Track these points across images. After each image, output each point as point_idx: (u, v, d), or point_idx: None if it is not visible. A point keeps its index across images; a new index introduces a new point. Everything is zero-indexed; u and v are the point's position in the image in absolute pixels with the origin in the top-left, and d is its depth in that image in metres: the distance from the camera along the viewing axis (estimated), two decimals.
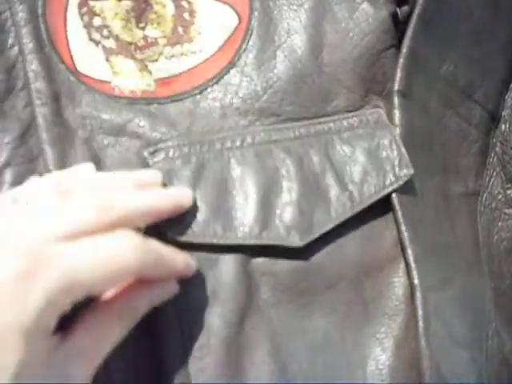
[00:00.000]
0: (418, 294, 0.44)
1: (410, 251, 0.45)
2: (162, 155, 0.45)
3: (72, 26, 0.48)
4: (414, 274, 0.45)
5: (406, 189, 0.47)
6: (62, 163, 0.45)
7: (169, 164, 0.45)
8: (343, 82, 0.49)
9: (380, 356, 0.44)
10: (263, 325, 0.43)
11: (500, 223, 0.53)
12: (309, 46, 0.50)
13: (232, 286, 0.43)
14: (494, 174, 0.53)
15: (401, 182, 0.47)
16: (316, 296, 0.45)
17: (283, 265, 0.45)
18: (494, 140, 0.54)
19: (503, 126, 0.53)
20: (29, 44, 0.47)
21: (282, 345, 0.43)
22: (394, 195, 0.46)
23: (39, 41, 0.47)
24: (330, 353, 0.44)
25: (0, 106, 0.46)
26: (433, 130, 0.51)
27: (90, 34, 0.48)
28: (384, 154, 0.47)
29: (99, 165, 0.45)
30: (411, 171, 0.47)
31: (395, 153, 0.47)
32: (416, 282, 0.44)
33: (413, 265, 0.45)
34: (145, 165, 0.45)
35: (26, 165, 0.45)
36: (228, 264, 0.43)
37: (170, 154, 0.45)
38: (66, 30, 0.48)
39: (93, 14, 0.49)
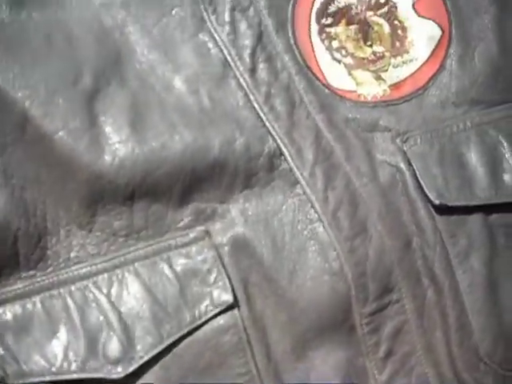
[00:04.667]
0: None
1: None
2: (411, 142, 0.55)
3: (317, 49, 0.57)
4: None
5: None
6: (349, 157, 0.54)
7: (419, 148, 0.55)
8: None
9: None
10: (505, 264, 0.54)
11: None
12: (498, 45, 0.58)
13: (480, 238, 0.53)
14: None
15: None
16: None
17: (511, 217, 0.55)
18: None
19: None
20: (292, 68, 0.55)
21: None
22: None
23: (298, 64, 0.56)
24: None
25: (291, 119, 0.54)
26: None
27: (332, 55, 0.57)
28: None
29: (371, 156, 0.54)
30: None
31: None
32: None
33: None
34: (401, 150, 0.55)
35: (327, 161, 0.53)
36: (475, 223, 0.54)
37: (418, 140, 0.55)
38: (314, 54, 0.57)
39: (331, 38, 0.57)
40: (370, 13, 0.58)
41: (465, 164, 0.55)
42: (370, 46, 0.58)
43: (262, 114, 0.53)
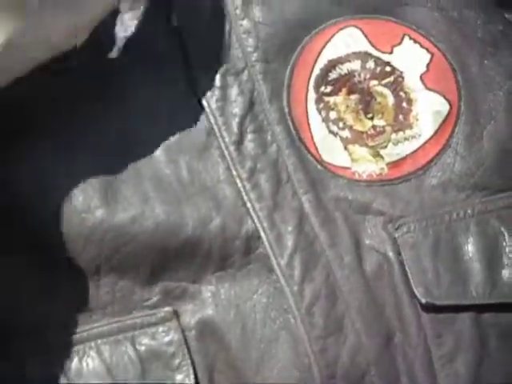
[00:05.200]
0: None
1: None
2: (404, 229, 0.51)
3: (313, 120, 0.53)
4: None
5: None
6: (334, 245, 0.50)
7: (412, 237, 0.51)
8: None
9: None
10: (495, 369, 0.50)
11: None
12: (510, 126, 0.54)
13: (469, 339, 0.49)
14: None
15: None
16: None
17: (507, 316, 0.51)
18: None
19: None
20: (283, 140, 0.52)
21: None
22: None
23: (290, 136, 0.52)
24: None
25: (275, 199, 0.50)
26: None
27: (328, 127, 0.53)
28: None
29: (359, 242, 0.51)
30: None
31: None
32: None
33: None
34: (391, 238, 0.51)
35: (308, 249, 0.49)
36: (465, 322, 0.49)
37: (412, 227, 0.51)
38: (308, 125, 0.53)
39: (328, 108, 0.53)
40: (374, 82, 0.54)
41: (460, 257, 0.51)
42: (371, 118, 0.54)
43: (243, 192, 0.50)
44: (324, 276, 0.49)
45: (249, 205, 0.50)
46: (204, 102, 0.52)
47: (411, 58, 0.55)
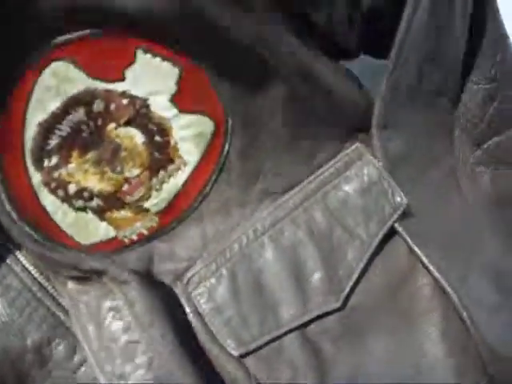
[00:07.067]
0: (446, 285, 0.46)
1: (425, 259, 0.47)
2: (195, 280, 0.46)
3: (51, 207, 0.43)
4: (434, 271, 0.47)
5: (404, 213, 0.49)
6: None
7: (205, 286, 0.46)
8: (322, 137, 0.48)
9: (431, 348, 0.48)
10: (339, 374, 0.47)
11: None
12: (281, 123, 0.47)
13: (304, 361, 0.46)
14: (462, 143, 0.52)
15: (399, 212, 0.48)
16: (365, 328, 0.48)
17: (331, 320, 0.47)
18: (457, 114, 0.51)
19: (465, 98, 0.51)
20: (28, 256, 0.43)
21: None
22: (396, 224, 0.48)
23: (34, 240, 0.42)
24: (394, 365, 0.48)
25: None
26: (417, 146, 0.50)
27: (72, 206, 0.44)
28: (375, 189, 0.48)
29: (155, 325, 0.43)
30: (405, 200, 0.48)
31: (385, 185, 0.48)
32: (438, 275, 0.47)
33: (431, 266, 0.47)
34: (186, 294, 0.45)
35: None
36: (292, 345, 0.46)
37: (202, 275, 0.46)
38: (48, 216, 0.43)
39: (64, 183, 0.43)
40: (111, 125, 0.42)
41: (263, 284, 0.46)
42: (121, 172, 0.43)
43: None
44: None
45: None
46: None
47: (153, 78, 0.41)
